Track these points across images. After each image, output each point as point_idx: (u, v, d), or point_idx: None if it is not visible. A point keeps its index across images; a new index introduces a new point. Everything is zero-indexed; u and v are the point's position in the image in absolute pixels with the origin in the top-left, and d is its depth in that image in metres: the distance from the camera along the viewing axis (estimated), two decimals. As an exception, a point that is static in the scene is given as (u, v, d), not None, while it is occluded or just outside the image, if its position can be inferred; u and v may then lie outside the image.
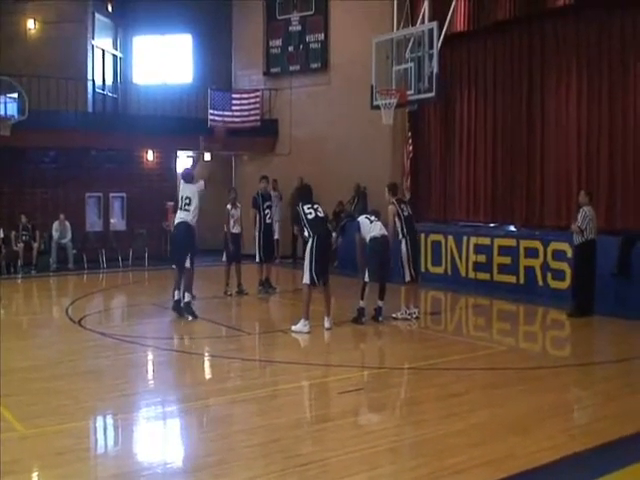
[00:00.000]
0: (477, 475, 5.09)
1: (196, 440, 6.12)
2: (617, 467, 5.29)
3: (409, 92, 15.41)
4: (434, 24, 14.82)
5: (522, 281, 14.06)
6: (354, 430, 6.08)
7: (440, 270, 15.76)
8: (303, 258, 10.71)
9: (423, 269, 15.87)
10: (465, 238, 15.28)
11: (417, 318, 11.67)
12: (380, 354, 9.67)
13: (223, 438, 5.94)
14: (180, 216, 11.43)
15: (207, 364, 9.17)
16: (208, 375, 8.67)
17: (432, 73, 14.87)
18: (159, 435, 6.25)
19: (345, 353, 9.50)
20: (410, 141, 18.46)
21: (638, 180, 14.18)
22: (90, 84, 21.25)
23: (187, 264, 11.36)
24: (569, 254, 12.88)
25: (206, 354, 9.54)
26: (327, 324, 10.49)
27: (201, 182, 11.76)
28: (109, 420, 6.68)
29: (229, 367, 8.58)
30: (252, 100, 21.17)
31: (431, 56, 14.82)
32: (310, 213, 10.66)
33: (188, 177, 11.83)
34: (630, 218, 14.18)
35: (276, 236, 19.63)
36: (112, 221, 20.30)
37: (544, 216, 15.65)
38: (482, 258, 14.93)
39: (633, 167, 14.26)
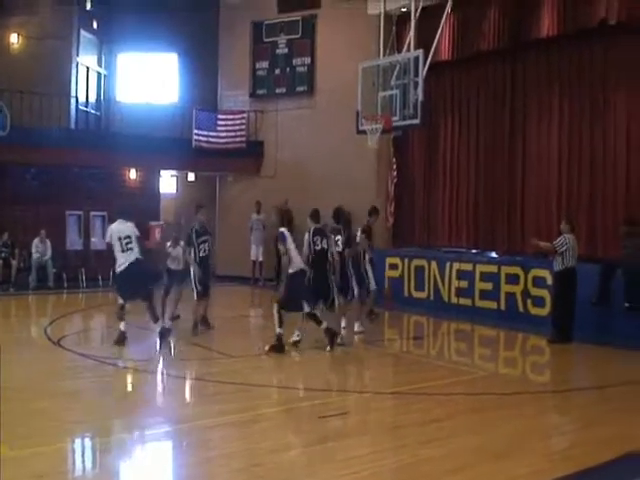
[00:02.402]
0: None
1: (177, 465, 6.08)
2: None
3: (394, 118, 15.52)
4: (420, 52, 14.95)
5: (503, 307, 14.11)
6: (334, 456, 6.04)
7: (423, 295, 15.81)
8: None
9: (406, 294, 15.98)
10: (448, 264, 15.34)
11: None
12: (362, 378, 9.68)
13: (204, 463, 5.90)
14: (127, 258, 10.92)
15: (188, 387, 9.09)
16: (189, 398, 8.58)
17: (417, 100, 14.97)
18: (139, 459, 6.18)
19: (327, 377, 9.51)
20: (394, 167, 18.57)
21: (618, 209, 14.33)
22: (73, 101, 21.18)
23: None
24: (549, 281, 12.96)
25: (187, 377, 9.46)
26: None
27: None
28: (89, 443, 6.59)
29: (210, 390, 8.51)
30: (238, 121, 21.19)
31: (416, 84, 14.93)
32: (317, 244, 10.90)
33: (125, 214, 11.42)
34: (610, 247, 14.29)
35: (260, 258, 19.67)
36: (93, 240, 20.12)
37: (525, 243, 15.74)
38: (464, 284, 14.99)
39: (613, 197, 14.41)
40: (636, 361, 10.95)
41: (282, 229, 10.73)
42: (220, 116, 21.19)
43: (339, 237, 11.95)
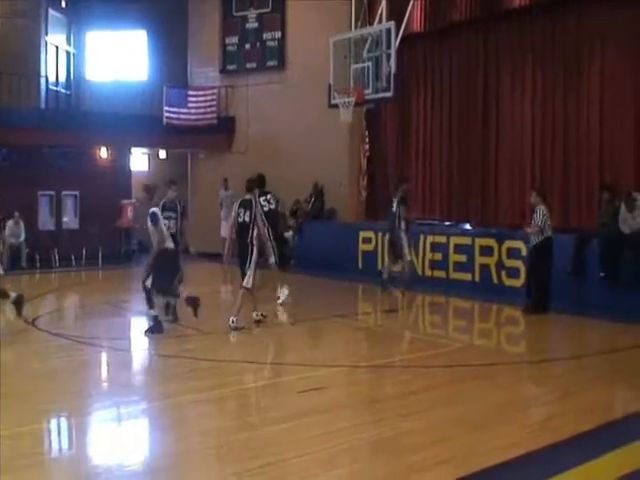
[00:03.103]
0: (437, 473, 5.08)
1: (152, 443, 6.03)
2: (576, 463, 5.32)
3: (367, 91, 15.42)
4: (392, 24, 14.82)
5: (477, 279, 14.15)
6: (313, 430, 6.01)
7: (397, 268, 15.75)
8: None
9: (380, 267, 15.95)
10: (422, 236, 15.33)
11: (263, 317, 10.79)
12: (339, 352, 9.53)
13: (179, 440, 5.85)
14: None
15: (162, 364, 8.96)
16: (163, 376, 8.40)
17: (390, 72, 14.87)
18: (114, 438, 6.09)
19: (304, 352, 9.48)
20: (367, 140, 18.52)
21: (591, 179, 14.40)
22: (43, 80, 20.86)
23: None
24: (523, 252, 13.00)
25: (161, 354, 9.33)
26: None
27: None
28: (64, 423, 6.54)
29: (185, 367, 8.39)
30: (208, 97, 21.02)
31: (389, 56, 14.82)
32: (240, 216, 10.51)
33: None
34: (583, 217, 14.39)
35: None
36: (65, 220, 19.90)
37: (499, 214, 15.82)
38: (438, 256, 15.01)
39: (586, 166, 14.47)
40: (611, 330, 11.06)
41: (154, 209, 10.20)
42: (190, 92, 21.01)
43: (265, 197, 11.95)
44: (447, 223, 16.75)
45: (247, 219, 10.42)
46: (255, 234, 10.45)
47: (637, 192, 12.30)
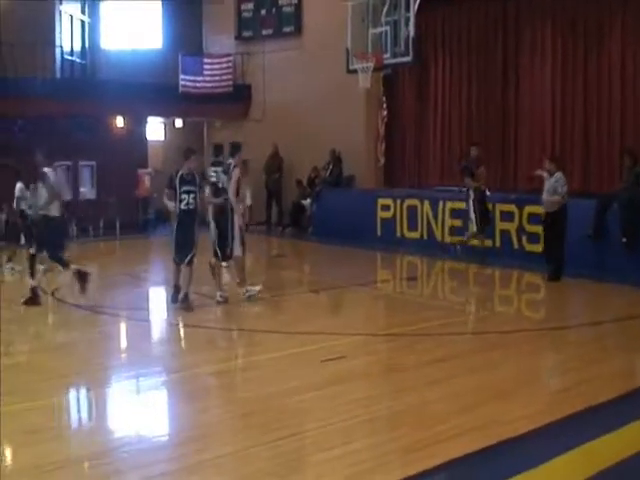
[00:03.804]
0: (461, 443, 5.04)
1: (175, 414, 6.02)
2: (600, 433, 5.27)
3: (385, 56, 15.26)
4: (411, -14, 14.63)
5: (498, 244, 14.03)
6: (335, 400, 5.98)
7: (416, 235, 15.67)
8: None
9: (399, 234, 15.88)
10: (441, 203, 15.20)
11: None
12: (360, 321, 9.52)
13: (202, 412, 5.84)
14: None
15: (183, 335, 9.00)
16: (184, 346, 8.49)
17: (408, 37, 14.69)
18: (137, 410, 6.08)
19: (325, 320, 9.44)
20: (384, 106, 18.31)
21: (612, 143, 14.24)
22: (58, 50, 20.75)
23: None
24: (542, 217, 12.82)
25: (182, 324, 9.29)
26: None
27: None
28: (86, 395, 6.55)
29: (207, 337, 8.41)
30: (224, 65, 20.85)
31: (407, 19, 14.64)
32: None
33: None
34: (604, 181, 14.24)
35: (248, 202, 19.25)
36: (82, 190, 19.92)
37: (518, 180, 15.66)
38: (457, 222, 14.88)
39: (607, 131, 14.31)
40: (631, 297, 10.95)
41: (46, 169, 10.03)
42: (206, 60, 20.86)
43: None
44: (464, 189, 16.58)
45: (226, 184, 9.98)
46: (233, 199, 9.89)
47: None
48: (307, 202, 18.43)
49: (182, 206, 9.53)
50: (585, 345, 8.06)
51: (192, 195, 9.56)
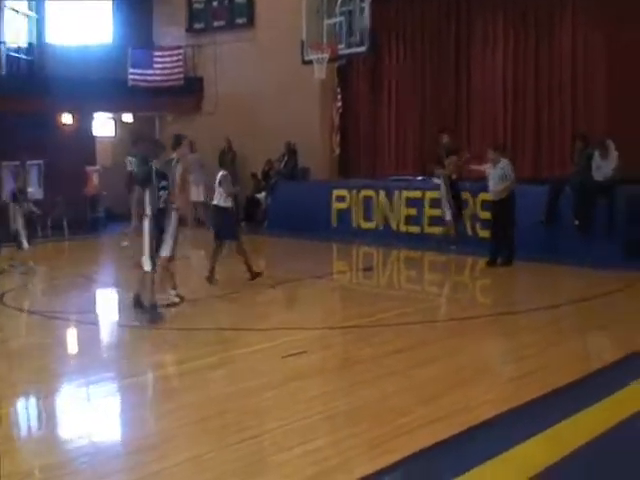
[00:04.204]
0: (424, 434, 5.02)
1: (133, 421, 5.78)
2: (564, 415, 5.30)
3: (340, 46, 15.25)
4: (365, -24, 14.63)
5: (452, 232, 14.12)
6: (296, 397, 5.91)
7: (371, 225, 15.74)
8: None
9: (355, 225, 15.88)
10: (396, 192, 15.26)
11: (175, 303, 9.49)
12: (318, 314, 9.48)
13: (162, 416, 5.69)
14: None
15: (139, 336, 8.58)
16: (141, 348, 8.08)
17: (364, 27, 14.69)
18: (93, 418, 5.78)
19: (283, 315, 9.38)
20: (339, 97, 18.30)
21: (563, 129, 14.47)
22: (3, 47, 20.28)
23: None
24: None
25: (137, 326, 8.85)
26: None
27: None
28: (38, 405, 6.26)
29: (162, 339, 8.12)
30: (175, 58, 20.62)
31: (362, 10, 14.63)
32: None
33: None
34: (556, 167, 14.45)
35: (201, 198, 18.90)
36: (30, 190, 19.42)
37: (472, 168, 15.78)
38: (413, 211, 14.95)
39: (559, 117, 14.55)
40: (585, 278, 11.17)
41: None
42: (156, 53, 20.61)
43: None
44: (420, 178, 16.68)
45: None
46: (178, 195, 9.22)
47: (609, 139, 12.34)
48: (262, 195, 18.32)
49: (160, 204, 8.73)
50: (542, 329, 8.14)
51: (165, 192, 8.81)
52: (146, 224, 8.62)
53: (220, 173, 10.73)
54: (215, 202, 10.86)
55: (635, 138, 13.66)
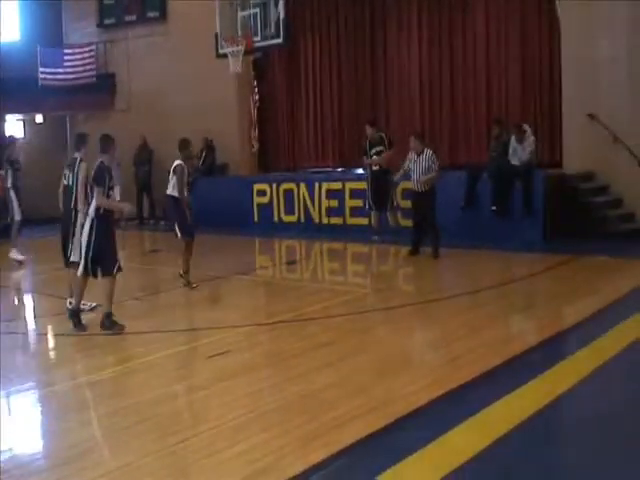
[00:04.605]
0: (357, 427, 5.00)
1: (55, 431, 5.51)
2: (494, 398, 5.36)
3: (255, 39, 15.12)
4: (278, -33, 14.56)
5: (373, 222, 14.18)
6: (226, 397, 5.79)
7: (293, 219, 15.66)
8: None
9: (276, 219, 15.79)
10: (317, 184, 15.23)
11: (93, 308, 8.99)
12: (243, 311, 9.23)
13: (86, 425, 5.48)
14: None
15: (56, 344, 8.28)
16: (59, 356, 7.79)
17: (278, 18, 14.60)
18: (13, 431, 5.50)
19: (208, 314, 9.16)
20: (256, 90, 18.18)
21: (479, 116, 14.72)
22: None
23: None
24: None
25: (53, 333, 8.61)
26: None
27: None
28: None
29: (85, 345, 7.83)
30: (86, 54, 20.10)
31: (276, 1, 14.53)
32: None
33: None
34: (473, 153, 14.69)
35: (118, 198, 18.47)
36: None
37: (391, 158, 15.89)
38: (334, 203, 14.96)
39: (474, 103, 14.82)
40: (505, 262, 11.43)
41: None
42: (66, 51, 20.07)
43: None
44: (340, 169, 16.73)
45: (71, 182, 8.71)
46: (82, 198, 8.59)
47: (526, 124, 12.59)
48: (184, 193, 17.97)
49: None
50: (467, 313, 8.25)
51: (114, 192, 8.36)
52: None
53: (175, 162, 10.35)
54: (168, 192, 10.42)
55: (548, 123, 14.04)
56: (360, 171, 15.74)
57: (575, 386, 5.64)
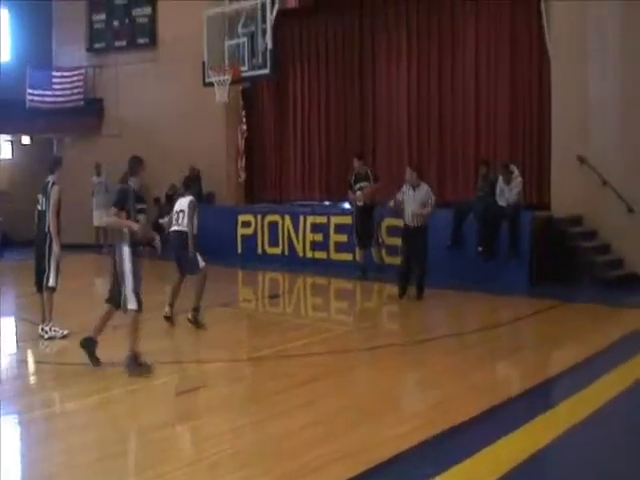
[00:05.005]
0: (332, 473, 4.78)
1: (10, 465, 5.21)
2: (475, 449, 5.13)
3: (242, 68, 15.04)
4: (267, -2, 14.50)
5: (358, 258, 13.98)
6: (194, 436, 5.57)
7: (277, 251, 15.47)
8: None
9: (260, 251, 15.58)
10: (302, 217, 15.07)
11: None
12: (221, 345, 8.94)
13: (43, 461, 5.16)
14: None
15: (19, 373, 7.89)
16: (21, 387, 7.33)
17: (266, 49, 14.53)
18: None
19: (184, 347, 8.92)
20: (244, 120, 18.08)
21: (467, 153, 14.66)
22: None
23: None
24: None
25: (20, 360, 8.30)
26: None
27: None
28: None
29: (48, 375, 7.54)
30: (75, 78, 20.01)
31: (264, 31, 14.46)
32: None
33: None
34: (459, 191, 14.59)
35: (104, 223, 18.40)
36: None
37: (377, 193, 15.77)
38: (319, 237, 14.78)
39: (462, 141, 14.77)
40: (491, 305, 11.22)
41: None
42: (55, 73, 19.96)
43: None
44: (327, 203, 16.57)
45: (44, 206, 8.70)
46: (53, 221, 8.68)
47: (513, 164, 12.47)
48: (164, 220, 17.73)
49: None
50: (450, 357, 8.05)
51: (145, 216, 7.88)
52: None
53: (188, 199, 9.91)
54: (176, 228, 9.95)
55: (537, 164, 13.95)
56: (347, 205, 15.60)
57: (560, 436, 5.44)
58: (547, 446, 5.25)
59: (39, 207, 8.83)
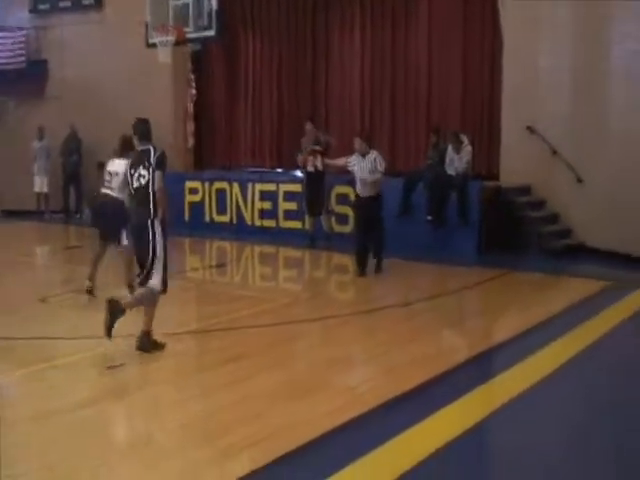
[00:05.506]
0: (255, 454, 4.54)
1: None
2: (416, 420, 5.01)
3: (187, 29, 14.58)
4: (213, -45, 14.04)
5: (307, 226, 13.76)
6: (117, 415, 5.30)
7: (225, 219, 15.14)
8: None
9: (208, 219, 15.27)
10: (250, 185, 14.75)
11: None
12: (159, 318, 8.62)
13: None
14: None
15: None
16: None
17: (212, 9, 14.10)
18: None
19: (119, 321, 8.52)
20: (193, 84, 17.60)
21: (419, 122, 14.47)
22: None
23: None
24: (352, 197, 12.48)
25: None
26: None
27: None
28: None
29: None
30: (17, 40, 19.28)
31: (211, -9, 14.05)
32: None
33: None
34: (411, 160, 14.43)
35: (45, 189, 18.10)
36: None
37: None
38: (268, 205, 14.50)
39: (414, 109, 14.59)
40: (440, 274, 11.14)
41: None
42: (-3, 34, 19.18)
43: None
44: (277, 170, 16.27)
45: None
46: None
47: (463, 133, 12.30)
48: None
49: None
50: (397, 326, 7.90)
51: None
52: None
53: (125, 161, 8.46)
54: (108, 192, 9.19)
55: (487, 134, 13.83)
56: (298, 173, 15.29)
57: (500, 408, 5.36)
58: (484, 420, 5.15)
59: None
